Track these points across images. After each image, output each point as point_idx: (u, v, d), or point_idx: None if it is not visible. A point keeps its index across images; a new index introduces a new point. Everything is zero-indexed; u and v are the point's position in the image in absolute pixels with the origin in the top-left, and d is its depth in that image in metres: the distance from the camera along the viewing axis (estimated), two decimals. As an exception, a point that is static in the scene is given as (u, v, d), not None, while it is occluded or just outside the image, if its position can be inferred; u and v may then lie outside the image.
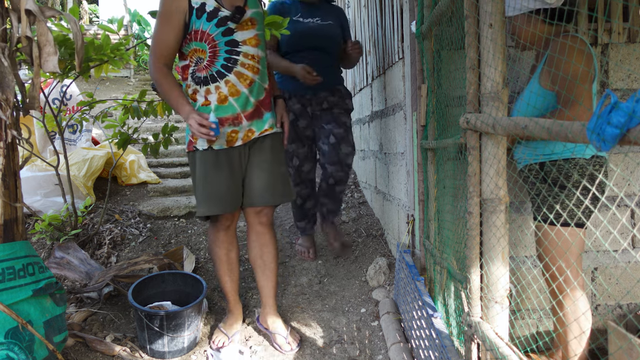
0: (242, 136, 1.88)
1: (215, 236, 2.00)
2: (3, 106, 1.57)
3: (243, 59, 1.82)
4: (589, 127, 0.76)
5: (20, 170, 1.71)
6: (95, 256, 2.75)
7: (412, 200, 2.18)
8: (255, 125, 1.90)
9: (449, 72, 1.72)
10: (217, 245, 2.01)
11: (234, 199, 1.90)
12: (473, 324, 1.36)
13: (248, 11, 1.84)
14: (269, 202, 1.95)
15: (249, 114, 1.87)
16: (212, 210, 1.88)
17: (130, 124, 3.06)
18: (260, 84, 1.89)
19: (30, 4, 1.55)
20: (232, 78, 1.82)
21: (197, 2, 1.77)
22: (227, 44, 1.80)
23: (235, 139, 1.87)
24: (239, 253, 2.08)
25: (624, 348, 1.39)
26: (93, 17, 12.53)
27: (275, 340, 2.02)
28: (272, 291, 2.06)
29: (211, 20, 1.77)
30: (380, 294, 2.33)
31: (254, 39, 1.86)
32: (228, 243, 2.01)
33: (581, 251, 1.62)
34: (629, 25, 2.02)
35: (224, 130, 1.85)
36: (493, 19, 1.22)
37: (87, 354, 1.89)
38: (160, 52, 1.80)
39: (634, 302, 2.17)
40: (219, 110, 1.83)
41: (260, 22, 1.91)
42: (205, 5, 1.77)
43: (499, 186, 1.27)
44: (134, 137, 2.95)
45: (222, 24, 1.78)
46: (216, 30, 1.78)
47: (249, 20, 1.84)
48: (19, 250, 1.61)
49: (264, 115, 1.92)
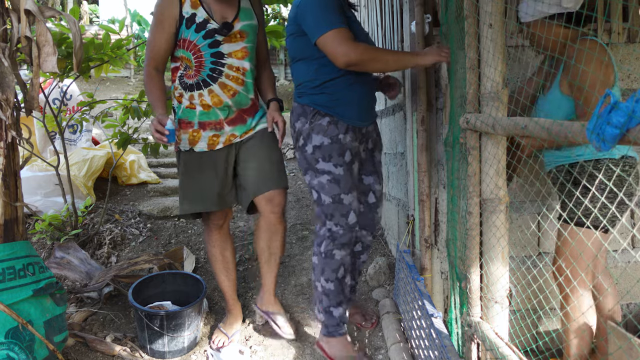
0: (224, 140, 1.92)
1: (209, 236, 2.04)
2: (3, 106, 1.57)
3: (228, 70, 1.86)
4: (589, 127, 0.76)
5: (21, 170, 1.71)
6: (96, 256, 2.75)
7: (412, 200, 2.18)
8: (238, 130, 1.94)
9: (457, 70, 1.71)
10: (212, 245, 2.05)
11: (218, 198, 1.94)
12: (473, 324, 1.36)
13: (238, 24, 1.87)
14: (273, 185, 1.94)
15: (231, 120, 1.91)
16: (193, 207, 1.94)
17: (131, 124, 3.06)
18: (245, 94, 1.92)
19: (29, 4, 1.55)
20: (216, 88, 1.86)
21: (188, 12, 1.81)
22: (212, 55, 1.84)
23: (216, 143, 1.91)
24: (234, 252, 2.11)
25: (623, 348, 1.39)
26: (93, 17, 12.53)
27: (277, 321, 2.03)
28: (274, 278, 2.09)
29: (199, 31, 1.82)
30: (380, 294, 2.33)
31: (241, 51, 1.89)
32: (222, 242, 2.05)
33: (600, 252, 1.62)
34: (629, 26, 2.02)
35: (206, 134, 1.89)
36: (493, 19, 1.22)
37: (87, 353, 1.90)
38: (151, 56, 1.86)
39: (634, 302, 2.17)
40: (202, 115, 1.88)
41: (252, 34, 1.92)
42: (195, 16, 1.81)
43: (499, 186, 1.27)
44: (134, 137, 2.95)
45: (210, 36, 1.83)
46: (203, 42, 1.83)
47: (237, 33, 1.87)
48: (20, 250, 1.62)
49: (247, 121, 1.95)
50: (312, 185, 1.83)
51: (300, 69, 1.85)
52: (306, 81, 1.83)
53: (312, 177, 1.82)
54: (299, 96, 1.86)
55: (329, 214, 1.78)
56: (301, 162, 1.86)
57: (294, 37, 1.82)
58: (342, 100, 1.79)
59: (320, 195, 1.79)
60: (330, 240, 1.79)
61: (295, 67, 1.88)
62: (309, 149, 1.80)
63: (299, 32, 1.78)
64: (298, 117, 1.85)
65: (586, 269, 1.59)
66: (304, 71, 1.83)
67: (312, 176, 1.82)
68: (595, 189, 1.54)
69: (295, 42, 1.83)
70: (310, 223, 3.28)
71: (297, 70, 1.88)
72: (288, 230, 3.19)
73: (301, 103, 1.85)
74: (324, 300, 1.82)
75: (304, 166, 1.85)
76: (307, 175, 1.86)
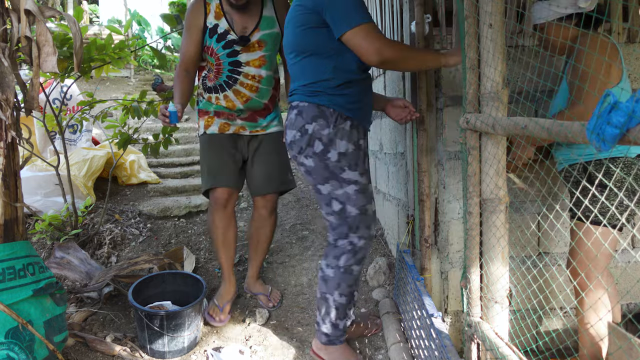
0: (234, 129, 2.14)
1: (213, 216, 2.18)
2: (3, 106, 1.57)
3: (243, 78, 2.04)
4: (589, 127, 0.76)
5: (21, 170, 1.71)
6: (96, 256, 2.75)
7: (412, 200, 2.18)
8: (247, 125, 2.14)
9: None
10: (215, 226, 2.18)
11: (228, 175, 2.11)
12: (473, 324, 1.36)
13: (257, 34, 2.02)
14: (269, 190, 2.20)
15: (242, 117, 2.13)
16: (208, 184, 2.12)
17: (131, 124, 3.06)
18: (258, 100, 2.09)
19: (29, 4, 1.55)
20: (230, 94, 2.06)
21: (212, 23, 2.00)
22: (230, 64, 2.02)
23: (227, 129, 2.13)
24: (236, 233, 2.26)
25: (623, 348, 1.39)
26: (93, 17, 12.52)
27: (261, 300, 2.32)
28: (258, 264, 2.37)
29: (220, 41, 2.00)
30: (380, 294, 2.33)
31: (259, 60, 2.04)
32: (226, 222, 2.18)
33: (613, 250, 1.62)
34: (629, 25, 2.02)
35: (219, 120, 2.11)
36: (493, 19, 1.22)
37: (87, 353, 1.90)
38: (182, 59, 2.07)
39: (634, 302, 2.17)
40: (217, 107, 2.11)
41: (270, 43, 2.06)
42: (217, 26, 2.00)
43: (499, 186, 1.27)
44: (134, 137, 2.95)
45: (229, 47, 2.00)
46: (223, 52, 2.01)
47: (256, 43, 2.03)
48: (20, 250, 1.62)
49: (257, 120, 2.15)
50: (335, 196, 1.65)
51: (313, 65, 1.65)
52: (322, 80, 1.63)
53: (336, 187, 1.64)
54: (311, 95, 1.64)
55: (354, 226, 1.66)
56: (318, 171, 1.64)
57: (307, 29, 1.62)
58: (359, 102, 1.68)
59: (346, 207, 1.64)
60: (351, 255, 1.69)
61: (305, 62, 1.67)
62: (332, 156, 1.61)
63: (316, 24, 1.59)
64: (312, 119, 1.62)
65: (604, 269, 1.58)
66: (318, 68, 1.63)
67: (334, 186, 1.64)
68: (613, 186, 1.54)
69: (309, 35, 1.62)
70: (310, 223, 3.28)
71: (307, 67, 1.66)
72: (288, 231, 3.19)
73: (316, 103, 1.63)
74: (333, 313, 1.74)
75: (324, 175, 1.64)
76: (326, 185, 1.66)
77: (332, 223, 1.71)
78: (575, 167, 1.66)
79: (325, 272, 1.74)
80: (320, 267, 1.78)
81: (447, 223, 2.09)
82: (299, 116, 1.66)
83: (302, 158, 1.68)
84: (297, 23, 1.65)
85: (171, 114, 1.88)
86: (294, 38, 1.69)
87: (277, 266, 2.70)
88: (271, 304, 2.30)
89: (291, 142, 1.70)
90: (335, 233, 1.70)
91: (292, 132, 1.69)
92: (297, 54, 1.69)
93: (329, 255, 1.74)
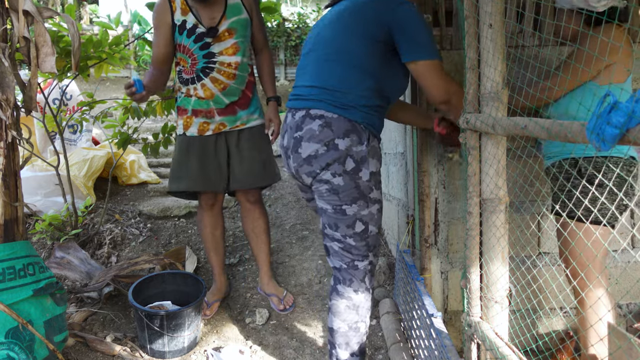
0: (214, 128, 2.11)
1: (201, 216, 2.26)
2: (3, 106, 1.57)
3: (219, 66, 2.03)
4: (589, 127, 0.77)
5: (21, 170, 1.71)
6: (96, 256, 2.75)
7: (412, 200, 2.18)
8: (227, 120, 2.12)
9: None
10: (204, 225, 2.26)
11: (202, 179, 2.11)
12: (473, 324, 1.36)
13: (225, 23, 2.01)
14: (251, 185, 2.20)
15: (221, 110, 2.09)
16: (177, 186, 2.13)
17: (130, 124, 3.06)
18: (236, 87, 2.08)
19: (28, 5, 1.55)
20: (207, 82, 2.05)
21: (179, 20, 2.00)
22: (204, 56, 2.03)
23: (206, 129, 2.11)
24: (224, 232, 2.33)
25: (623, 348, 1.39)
26: (93, 17, 12.52)
27: (273, 302, 2.30)
28: (265, 258, 2.34)
29: (190, 36, 2.00)
30: (380, 293, 2.33)
31: (232, 47, 2.04)
32: (213, 222, 2.25)
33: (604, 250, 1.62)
34: (629, 26, 2.02)
35: (198, 120, 2.09)
36: (493, 19, 1.22)
37: (88, 353, 1.90)
38: (153, 58, 2.09)
39: (634, 302, 2.17)
40: (195, 104, 2.08)
41: (241, 28, 2.06)
42: (186, 22, 1.99)
43: (499, 186, 1.27)
44: (134, 137, 2.95)
45: (200, 40, 2.00)
46: (194, 46, 2.01)
47: (226, 32, 2.02)
48: (20, 250, 1.62)
49: (237, 113, 2.12)
50: (360, 217, 1.51)
51: (348, 75, 1.50)
52: (358, 96, 1.49)
53: (363, 207, 1.51)
54: (341, 107, 1.48)
55: (373, 245, 1.57)
56: (348, 190, 1.49)
57: (360, 37, 1.49)
58: (382, 126, 1.61)
59: (369, 227, 1.54)
60: (370, 275, 1.59)
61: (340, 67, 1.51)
62: (364, 176, 1.49)
63: (373, 37, 1.47)
64: (344, 134, 1.47)
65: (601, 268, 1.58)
66: (357, 81, 1.49)
67: (361, 206, 1.51)
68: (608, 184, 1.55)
69: (360, 45, 1.49)
70: (310, 223, 3.28)
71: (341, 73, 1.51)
72: (288, 231, 3.19)
73: (349, 119, 1.48)
74: (364, 341, 1.61)
75: (353, 195, 1.49)
76: (353, 206, 1.50)
77: (346, 245, 1.54)
78: (562, 163, 1.66)
79: (359, 298, 1.57)
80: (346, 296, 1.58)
81: (447, 223, 2.09)
82: (326, 128, 1.47)
83: (327, 175, 1.48)
84: (347, 25, 1.51)
85: (136, 82, 1.87)
86: (333, 35, 1.54)
87: (277, 266, 2.70)
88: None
89: (310, 156, 1.49)
90: (352, 255, 1.55)
91: (312, 144, 1.49)
92: (332, 53, 1.53)
93: (353, 279, 1.56)
